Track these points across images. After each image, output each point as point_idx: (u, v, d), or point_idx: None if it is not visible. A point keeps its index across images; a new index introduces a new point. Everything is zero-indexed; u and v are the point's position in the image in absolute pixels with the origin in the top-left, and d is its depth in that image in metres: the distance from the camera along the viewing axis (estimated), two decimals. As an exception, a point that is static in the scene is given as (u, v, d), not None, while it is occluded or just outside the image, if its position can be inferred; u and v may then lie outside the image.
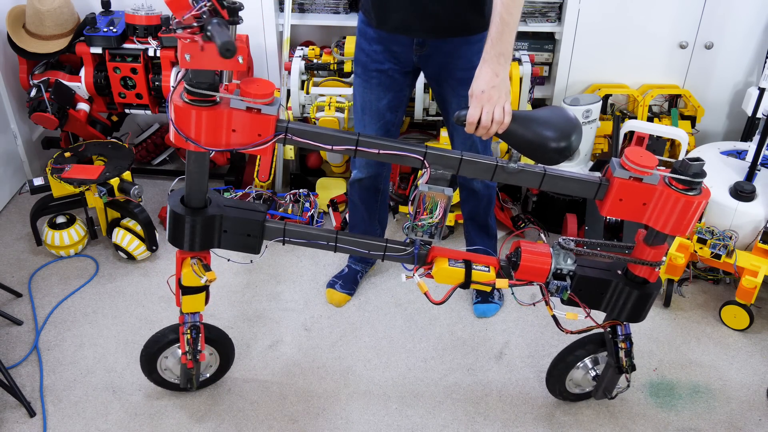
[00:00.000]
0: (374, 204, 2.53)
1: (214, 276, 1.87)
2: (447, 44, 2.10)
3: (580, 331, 2.03)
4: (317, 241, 1.90)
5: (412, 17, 2.05)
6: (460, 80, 2.13)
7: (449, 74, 2.15)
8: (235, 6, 1.53)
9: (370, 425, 2.18)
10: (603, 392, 2.12)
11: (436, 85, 2.22)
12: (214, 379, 2.27)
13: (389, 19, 2.09)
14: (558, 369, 2.15)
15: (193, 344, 2.00)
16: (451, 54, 2.11)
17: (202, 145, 1.65)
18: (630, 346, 1.99)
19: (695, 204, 1.68)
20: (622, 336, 2.00)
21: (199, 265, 1.87)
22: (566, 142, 1.70)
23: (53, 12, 2.86)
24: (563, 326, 1.96)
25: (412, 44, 2.12)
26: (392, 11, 2.06)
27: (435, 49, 2.11)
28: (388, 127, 2.31)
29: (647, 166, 1.68)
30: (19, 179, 3.23)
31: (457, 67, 2.12)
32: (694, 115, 3.10)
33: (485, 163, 1.77)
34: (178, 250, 1.89)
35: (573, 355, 2.12)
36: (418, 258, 1.91)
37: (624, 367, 2.00)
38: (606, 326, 2.01)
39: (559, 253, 1.88)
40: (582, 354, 2.11)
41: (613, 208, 1.76)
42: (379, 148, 1.72)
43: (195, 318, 2.00)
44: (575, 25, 2.99)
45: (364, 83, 2.24)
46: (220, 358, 2.21)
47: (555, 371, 2.17)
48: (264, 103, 1.63)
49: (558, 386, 2.20)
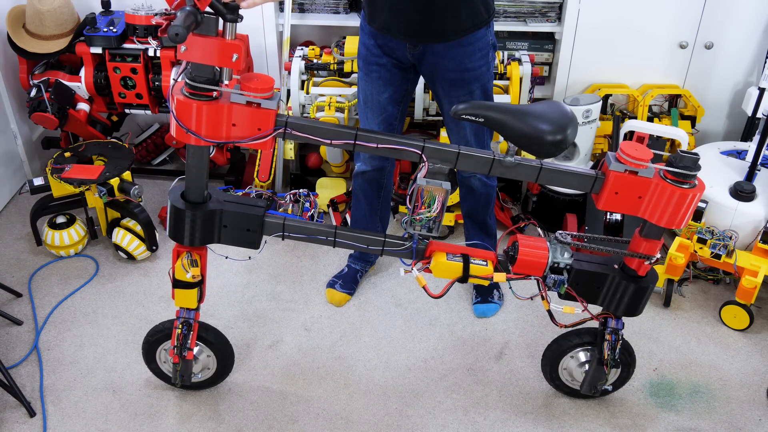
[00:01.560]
0: (377, 199, 2.53)
1: (197, 272, 1.87)
2: (437, 45, 2.11)
3: (573, 324, 2.05)
4: (316, 236, 1.90)
5: (393, 20, 2.07)
6: (451, 81, 2.15)
7: (440, 75, 2.16)
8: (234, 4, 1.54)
9: (370, 425, 2.18)
10: (588, 386, 2.13)
11: (431, 83, 2.24)
12: (212, 383, 2.26)
13: (376, 18, 2.11)
14: (551, 350, 2.17)
15: (183, 340, 2.00)
16: (442, 55, 2.12)
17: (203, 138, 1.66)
18: (615, 340, 2.00)
19: (690, 197, 1.70)
20: (609, 329, 2.01)
21: (188, 260, 1.87)
22: (562, 135, 1.72)
23: (53, 12, 2.86)
24: (557, 320, 1.97)
25: (405, 43, 2.13)
26: (378, 10, 2.09)
27: (427, 48, 2.12)
28: (390, 121, 2.31)
29: (642, 159, 1.70)
30: (19, 179, 3.23)
31: (448, 68, 2.13)
32: (694, 115, 3.10)
33: (482, 157, 1.78)
34: (176, 244, 1.90)
35: (567, 340, 2.14)
36: (417, 252, 1.92)
37: (605, 360, 2.02)
38: (598, 318, 2.02)
39: (556, 247, 1.90)
40: (576, 341, 2.12)
41: (608, 202, 1.77)
42: (377, 142, 1.74)
43: (190, 314, 2.00)
44: (575, 25, 2.99)
45: (365, 77, 2.25)
46: (218, 363, 2.19)
47: (548, 352, 2.19)
48: (264, 98, 1.65)
49: (549, 369, 2.21)
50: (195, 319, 2.02)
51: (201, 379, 2.23)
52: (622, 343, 2.09)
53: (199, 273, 1.89)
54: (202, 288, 1.99)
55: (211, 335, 2.13)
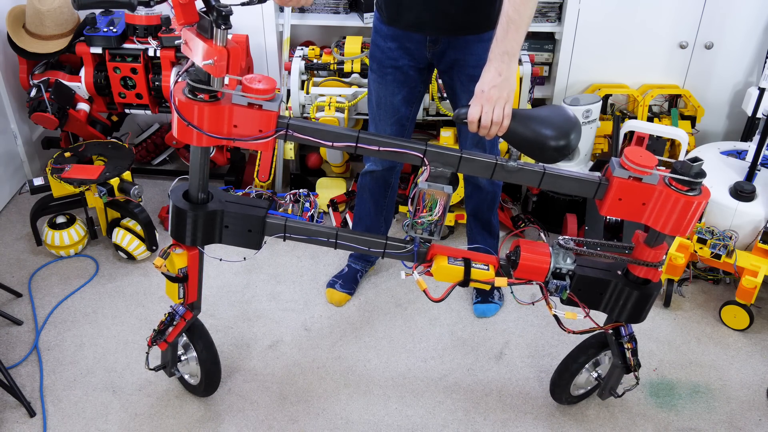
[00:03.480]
0: (383, 198, 2.53)
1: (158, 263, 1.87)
2: (459, 41, 2.11)
3: (582, 331, 2.02)
4: (318, 237, 1.90)
5: (425, 15, 2.06)
6: (470, 76, 2.14)
7: (460, 70, 2.16)
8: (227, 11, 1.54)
9: (370, 425, 2.18)
10: (609, 392, 2.11)
11: (449, 79, 2.23)
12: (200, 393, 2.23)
13: (402, 17, 2.10)
14: (563, 379, 2.15)
15: (163, 327, 1.99)
16: (463, 50, 2.12)
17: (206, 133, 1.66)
18: (635, 345, 1.98)
19: (695, 204, 1.68)
20: (626, 336, 1.98)
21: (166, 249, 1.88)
22: (565, 141, 1.70)
23: (53, 12, 2.86)
24: (565, 326, 1.95)
25: (425, 41, 2.13)
26: (405, 9, 2.08)
27: (448, 45, 2.13)
28: (403, 122, 2.31)
29: (647, 165, 1.68)
30: (19, 179, 3.23)
31: (468, 63, 2.13)
32: (694, 115, 3.10)
33: (485, 161, 1.77)
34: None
35: (577, 363, 2.12)
36: (418, 255, 1.91)
37: (632, 367, 1.99)
38: (608, 329, 2.00)
39: (558, 252, 1.88)
40: (584, 360, 2.11)
41: (612, 208, 1.75)
42: (379, 145, 1.73)
43: (180, 309, 1.99)
44: (575, 25, 2.99)
45: (379, 79, 2.25)
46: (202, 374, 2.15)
47: (561, 381, 2.16)
48: (265, 99, 1.64)
49: (564, 395, 2.20)
50: (183, 316, 2.00)
51: (190, 381, 2.22)
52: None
53: (160, 263, 1.88)
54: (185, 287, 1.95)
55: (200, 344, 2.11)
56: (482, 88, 1.75)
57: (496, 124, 1.73)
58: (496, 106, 1.72)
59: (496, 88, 1.73)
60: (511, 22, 1.72)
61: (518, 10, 1.71)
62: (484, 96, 1.74)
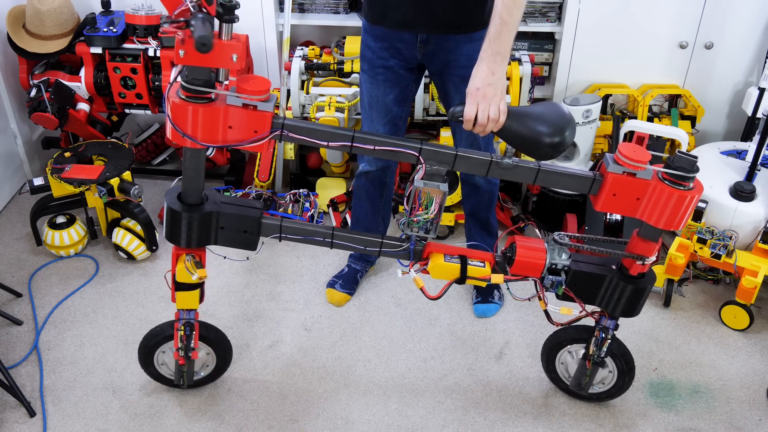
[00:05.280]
0: (379, 198, 2.53)
1: (204, 273, 1.87)
2: (450, 41, 2.11)
3: (569, 322, 2.05)
4: (314, 237, 1.90)
5: (413, 13, 2.06)
6: (462, 77, 2.13)
7: (452, 71, 2.16)
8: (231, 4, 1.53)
9: (370, 425, 2.18)
10: (574, 381, 2.14)
11: (440, 80, 2.23)
12: (211, 379, 2.26)
13: (389, 15, 2.10)
14: (550, 340, 2.20)
15: (186, 341, 2.01)
16: (453, 51, 2.12)
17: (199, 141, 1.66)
18: (603, 338, 2.00)
19: (688, 198, 1.70)
20: (600, 325, 2.02)
21: (191, 262, 1.87)
22: (560, 137, 1.72)
23: (53, 12, 2.87)
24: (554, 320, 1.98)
25: (415, 41, 2.12)
26: (392, 7, 2.07)
27: (438, 46, 2.12)
28: (395, 121, 2.31)
29: (640, 161, 1.70)
30: (19, 179, 3.23)
31: (460, 64, 2.13)
32: (694, 115, 3.10)
33: (480, 159, 1.77)
34: (174, 246, 1.90)
35: (566, 333, 2.14)
36: (414, 254, 1.92)
37: (589, 354, 2.02)
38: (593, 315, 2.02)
39: (553, 248, 1.90)
40: (574, 335, 2.13)
41: (606, 203, 1.77)
42: (374, 145, 1.73)
43: (190, 315, 2.01)
44: (575, 25, 2.99)
45: (370, 79, 2.25)
46: (217, 359, 2.20)
47: (547, 342, 2.21)
48: (260, 100, 1.64)
49: (546, 358, 2.22)
50: (195, 319, 2.02)
51: (202, 376, 2.23)
52: (621, 351, 2.09)
53: (206, 273, 1.89)
54: (202, 287, 1.99)
55: (209, 333, 2.14)
56: (477, 85, 1.76)
57: (492, 121, 1.74)
58: (491, 103, 1.74)
59: (491, 86, 1.74)
60: (504, 24, 1.75)
61: (511, 13, 1.74)
62: (479, 93, 1.74)
